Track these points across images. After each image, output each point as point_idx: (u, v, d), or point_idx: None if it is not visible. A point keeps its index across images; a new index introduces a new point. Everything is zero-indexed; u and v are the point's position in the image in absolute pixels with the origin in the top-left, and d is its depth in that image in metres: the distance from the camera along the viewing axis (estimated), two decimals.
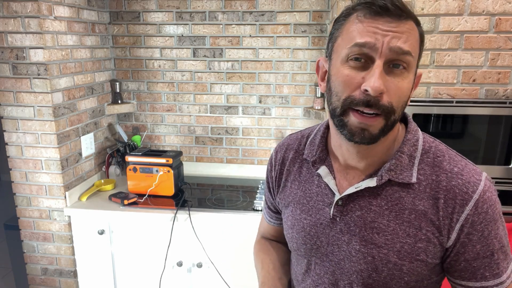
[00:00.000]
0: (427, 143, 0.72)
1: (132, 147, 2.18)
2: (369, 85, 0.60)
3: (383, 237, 0.70)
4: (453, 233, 0.67)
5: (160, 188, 1.96)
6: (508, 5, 1.53)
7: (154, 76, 2.28)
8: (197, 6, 2.14)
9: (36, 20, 1.67)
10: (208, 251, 1.80)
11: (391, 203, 0.70)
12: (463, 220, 0.66)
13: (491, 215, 0.66)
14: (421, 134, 0.74)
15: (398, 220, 0.69)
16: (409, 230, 0.68)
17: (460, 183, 0.67)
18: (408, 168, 0.70)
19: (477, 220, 0.66)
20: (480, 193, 0.66)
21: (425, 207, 0.68)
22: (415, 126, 0.74)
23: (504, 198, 1.63)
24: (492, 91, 1.61)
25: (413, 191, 0.69)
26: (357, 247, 0.71)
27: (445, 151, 0.72)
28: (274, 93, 2.20)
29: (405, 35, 0.61)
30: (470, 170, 0.68)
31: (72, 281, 1.98)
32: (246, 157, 2.32)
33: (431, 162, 0.70)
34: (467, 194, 0.66)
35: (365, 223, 0.71)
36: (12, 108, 1.79)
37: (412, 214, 0.68)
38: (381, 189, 0.71)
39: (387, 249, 0.69)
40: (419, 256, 0.68)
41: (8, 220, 2.16)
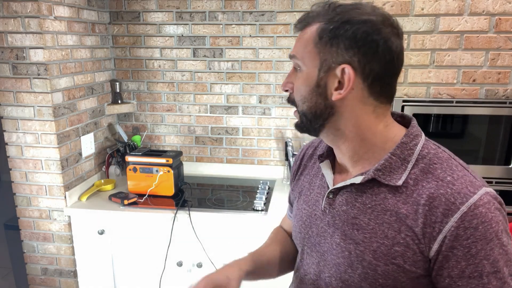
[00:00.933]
0: (426, 149, 0.70)
1: (132, 147, 2.18)
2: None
3: (362, 234, 0.70)
4: (435, 244, 0.64)
5: (160, 188, 1.96)
6: (508, 5, 1.53)
7: (154, 76, 2.28)
8: (197, 6, 2.14)
9: (36, 20, 1.67)
10: (208, 251, 1.80)
11: (375, 203, 0.70)
12: (446, 232, 0.63)
13: (483, 233, 0.61)
14: (424, 140, 0.72)
15: (378, 220, 0.69)
16: (388, 232, 0.68)
17: (449, 192, 0.64)
18: (398, 171, 0.69)
19: (463, 234, 0.62)
20: (470, 206, 0.62)
21: (407, 212, 0.66)
22: (416, 131, 0.73)
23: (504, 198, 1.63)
24: (492, 91, 1.61)
25: (400, 194, 0.68)
26: (338, 240, 0.74)
27: (445, 160, 0.69)
28: (274, 93, 2.20)
29: (297, 42, 0.73)
30: (465, 181, 0.65)
31: (72, 281, 1.98)
32: (246, 157, 2.32)
33: (424, 168, 0.68)
34: (453, 205, 0.63)
35: (348, 218, 0.73)
36: (12, 108, 1.79)
37: (393, 217, 0.68)
38: (368, 188, 0.72)
39: (364, 247, 0.70)
40: (395, 259, 0.67)
41: (8, 220, 2.16)
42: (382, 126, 0.72)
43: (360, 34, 0.66)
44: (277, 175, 2.28)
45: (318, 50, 0.69)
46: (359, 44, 0.66)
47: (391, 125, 0.74)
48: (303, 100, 0.73)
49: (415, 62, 1.62)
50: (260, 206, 1.85)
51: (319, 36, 0.69)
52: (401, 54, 0.69)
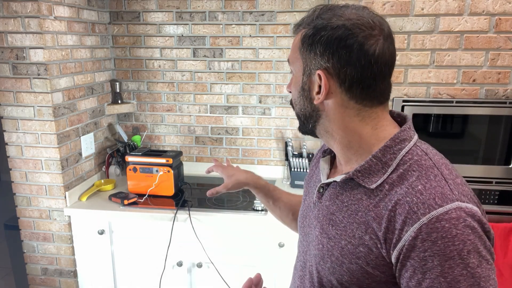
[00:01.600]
0: (410, 155, 0.68)
1: (132, 147, 2.18)
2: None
3: (335, 230, 0.73)
4: (395, 251, 0.63)
5: (160, 188, 1.96)
6: (508, 5, 1.53)
7: (154, 76, 2.28)
8: (197, 6, 2.14)
9: (36, 20, 1.67)
10: (208, 251, 1.80)
11: (351, 202, 0.72)
12: (405, 241, 0.61)
13: (441, 248, 0.58)
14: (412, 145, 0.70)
15: (350, 219, 0.71)
16: (356, 232, 0.69)
17: (414, 201, 0.62)
18: (377, 174, 0.69)
19: (421, 246, 0.59)
20: (431, 218, 0.59)
21: (375, 215, 0.66)
22: (405, 135, 0.70)
23: (504, 198, 1.63)
24: (492, 91, 1.61)
25: (374, 197, 0.68)
26: (317, 233, 0.78)
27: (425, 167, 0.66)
28: (274, 93, 2.20)
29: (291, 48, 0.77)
30: (435, 192, 0.62)
31: (72, 281, 1.98)
32: (246, 157, 2.32)
33: (402, 174, 0.67)
34: (415, 214, 0.61)
35: (328, 213, 0.76)
36: (12, 108, 1.79)
37: (363, 218, 0.68)
38: (349, 187, 0.74)
39: (334, 242, 0.73)
40: (359, 259, 0.68)
41: (8, 220, 2.16)
42: (369, 128, 0.72)
43: (333, 39, 0.67)
44: (277, 175, 2.28)
45: (301, 55, 0.73)
46: (333, 49, 0.67)
47: (383, 127, 0.72)
48: (295, 103, 0.78)
49: (415, 62, 1.63)
50: (260, 206, 1.85)
51: (301, 42, 0.72)
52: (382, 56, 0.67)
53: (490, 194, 1.62)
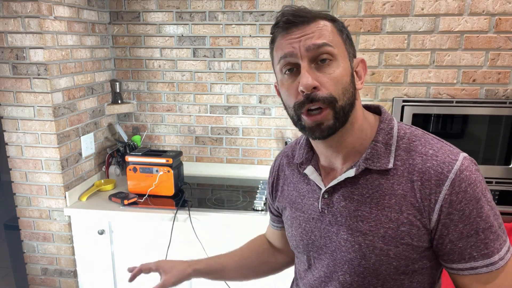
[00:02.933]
0: (402, 130, 0.75)
1: (132, 147, 2.18)
2: (301, 84, 0.68)
3: (367, 224, 0.72)
4: (434, 215, 0.67)
5: (160, 188, 1.96)
6: (508, 5, 1.53)
7: (154, 76, 2.28)
8: (197, 6, 2.14)
9: (36, 20, 1.67)
10: (208, 251, 1.80)
11: (372, 191, 0.72)
12: (441, 201, 0.66)
13: (471, 193, 0.66)
14: (396, 123, 0.76)
15: (379, 206, 0.71)
16: (391, 215, 0.70)
17: (435, 164, 0.68)
18: (385, 156, 0.72)
19: (456, 199, 0.66)
20: (456, 172, 0.66)
21: (404, 191, 0.69)
22: (388, 116, 0.77)
23: (504, 198, 1.63)
24: (492, 91, 1.61)
25: (392, 177, 0.71)
26: (345, 236, 0.74)
27: (420, 136, 0.73)
28: (274, 93, 2.20)
29: (317, 33, 0.69)
30: (445, 151, 0.69)
31: (72, 281, 1.98)
32: (246, 157, 2.32)
33: (406, 147, 0.72)
34: (442, 174, 0.67)
35: (349, 212, 0.74)
36: (12, 108, 1.79)
37: (392, 199, 0.70)
38: (361, 179, 0.74)
39: (372, 236, 0.71)
40: (403, 239, 0.69)
41: (8, 220, 2.16)
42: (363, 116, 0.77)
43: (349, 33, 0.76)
44: None
45: (344, 42, 0.73)
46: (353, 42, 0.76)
47: (366, 114, 0.78)
48: (344, 92, 0.70)
49: (415, 62, 1.63)
50: (260, 206, 1.85)
51: (340, 30, 0.73)
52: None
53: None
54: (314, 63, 0.69)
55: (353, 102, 0.72)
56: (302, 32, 0.69)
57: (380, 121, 0.76)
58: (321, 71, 0.69)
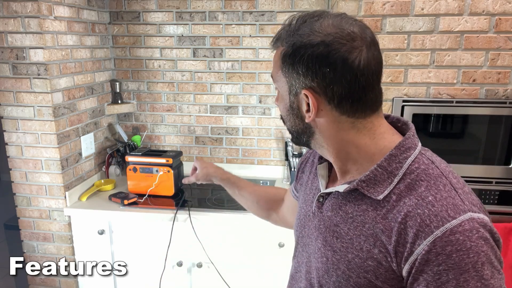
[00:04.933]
0: (417, 164, 0.65)
1: (132, 147, 2.18)
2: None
3: (340, 243, 0.70)
4: (406, 264, 0.61)
5: (160, 188, 1.96)
6: (508, 5, 1.53)
7: (154, 76, 2.28)
8: (197, 6, 2.14)
9: (36, 20, 1.67)
10: (208, 251, 1.80)
11: (356, 213, 0.68)
12: (417, 254, 0.59)
13: (456, 261, 0.56)
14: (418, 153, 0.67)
15: (357, 231, 0.67)
16: (363, 245, 0.66)
17: (426, 213, 0.59)
18: (383, 185, 0.65)
19: (435, 260, 0.57)
20: (445, 231, 0.57)
21: (384, 227, 0.63)
22: (410, 143, 0.67)
23: (504, 198, 1.63)
24: (492, 91, 1.61)
25: (381, 209, 0.65)
26: (319, 245, 0.74)
27: (433, 177, 0.63)
28: (274, 93, 2.20)
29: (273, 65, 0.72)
30: (447, 204, 0.60)
31: (72, 281, 1.98)
32: (246, 157, 2.32)
33: (410, 184, 0.64)
34: (428, 228, 0.58)
35: (331, 225, 0.72)
36: (12, 108, 1.79)
37: (370, 230, 0.65)
38: (353, 197, 0.70)
39: (340, 256, 0.69)
40: (367, 273, 0.65)
41: (8, 220, 2.16)
42: (367, 139, 0.69)
43: (315, 59, 0.63)
44: (277, 175, 2.28)
45: (284, 74, 0.69)
46: (316, 69, 0.64)
47: (381, 135, 0.69)
48: (285, 119, 0.76)
49: (415, 62, 1.63)
50: None
51: (282, 61, 0.68)
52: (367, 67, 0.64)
53: (490, 194, 1.62)
54: None
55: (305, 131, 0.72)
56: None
57: (395, 146, 0.67)
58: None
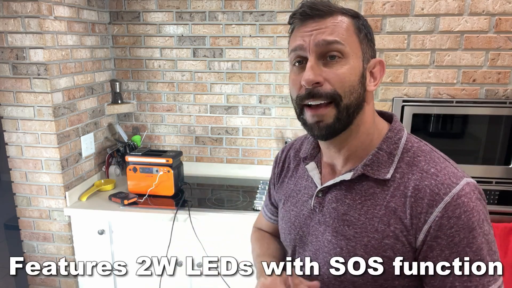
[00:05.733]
0: (410, 143, 0.73)
1: (132, 147, 2.18)
2: (303, 79, 0.68)
3: (353, 230, 0.71)
4: (421, 234, 0.65)
5: (160, 188, 1.96)
6: (508, 5, 1.53)
7: (154, 76, 2.28)
8: (197, 6, 2.14)
9: (36, 20, 1.67)
10: (208, 251, 1.80)
11: (364, 198, 0.71)
12: (431, 222, 0.64)
13: (465, 221, 0.63)
14: (406, 134, 0.75)
15: (368, 214, 0.70)
16: (378, 226, 0.69)
17: (433, 183, 0.66)
18: (386, 165, 0.71)
19: (447, 224, 0.63)
20: (453, 196, 0.64)
21: (396, 204, 0.68)
22: (399, 126, 0.76)
23: (504, 198, 1.63)
24: (492, 91, 1.61)
25: (388, 188, 0.70)
26: (329, 237, 0.74)
27: (427, 152, 0.71)
28: (274, 93, 2.20)
29: (330, 29, 0.68)
30: (447, 172, 0.67)
31: (72, 281, 1.98)
32: (246, 157, 2.32)
33: (409, 161, 0.70)
34: (437, 196, 0.64)
35: (338, 215, 0.74)
36: (12, 108, 1.79)
37: (382, 210, 0.69)
38: (357, 184, 0.73)
39: (355, 242, 0.71)
40: (385, 252, 0.68)
41: (8, 220, 2.16)
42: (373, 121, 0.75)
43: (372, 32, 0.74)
44: None
45: (359, 41, 0.70)
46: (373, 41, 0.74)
47: (377, 120, 0.76)
48: (351, 91, 0.69)
49: (415, 62, 1.63)
50: (260, 206, 1.85)
51: (358, 28, 0.70)
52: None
53: (490, 194, 1.62)
54: (322, 59, 0.68)
55: (361, 103, 0.71)
56: (315, 26, 0.69)
57: (389, 129, 0.75)
58: (328, 67, 0.68)
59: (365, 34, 0.71)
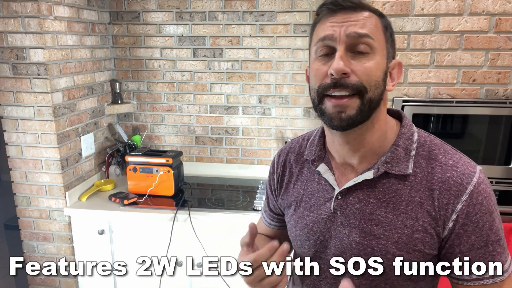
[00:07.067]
0: (422, 137, 0.75)
1: (132, 147, 2.18)
2: (332, 68, 0.67)
3: (381, 228, 0.72)
4: (449, 224, 0.68)
5: (160, 188, 1.96)
6: (508, 5, 1.53)
7: (154, 76, 2.28)
8: (197, 6, 2.14)
9: (36, 20, 1.67)
10: (208, 251, 1.80)
11: (389, 195, 0.72)
12: (458, 211, 0.68)
13: (486, 206, 0.68)
14: (416, 129, 0.77)
15: (395, 211, 0.71)
16: (406, 221, 0.70)
17: (455, 174, 0.69)
18: (404, 161, 0.72)
19: (472, 211, 0.67)
20: (474, 184, 0.68)
21: (421, 198, 0.70)
22: (409, 122, 0.77)
23: (504, 198, 1.63)
24: (492, 91, 1.61)
25: (410, 183, 0.71)
26: (357, 239, 0.74)
27: (440, 145, 0.74)
28: (274, 93, 2.20)
29: (361, 22, 0.68)
30: (464, 163, 0.71)
31: (72, 281, 1.98)
32: (246, 157, 2.32)
33: (426, 155, 0.72)
34: (461, 186, 0.68)
35: (364, 215, 0.73)
36: (12, 108, 1.79)
37: (409, 206, 0.71)
38: (378, 182, 0.73)
39: (386, 240, 0.71)
40: (416, 246, 0.70)
41: (8, 220, 2.16)
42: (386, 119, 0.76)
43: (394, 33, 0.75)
44: None
45: (385, 39, 0.71)
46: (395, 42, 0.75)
47: (387, 118, 0.77)
48: (376, 86, 0.69)
49: (415, 62, 1.62)
50: (260, 206, 1.85)
51: (385, 27, 0.72)
52: None
53: None
54: (350, 52, 0.68)
55: (380, 100, 0.71)
56: (346, 18, 0.68)
57: (401, 125, 0.76)
58: (356, 60, 0.68)
59: (390, 34, 0.73)
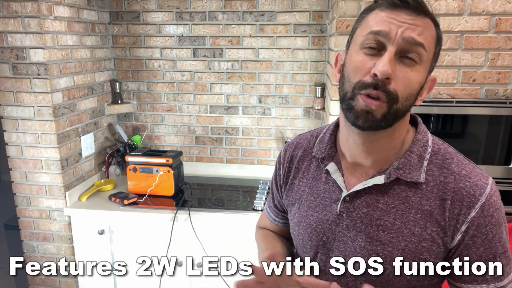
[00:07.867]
0: (437, 145, 0.74)
1: (132, 147, 2.18)
2: (377, 69, 0.63)
3: (389, 235, 0.70)
4: (458, 235, 0.68)
5: (160, 188, 1.96)
6: (508, 5, 1.52)
7: (154, 76, 2.28)
8: (197, 6, 2.14)
9: (36, 20, 1.67)
10: (208, 251, 1.80)
11: (398, 202, 0.71)
12: (469, 222, 0.67)
13: (496, 218, 0.67)
14: (431, 136, 0.75)
15: (404, 218, 0.70)
16: (414, 229, 0.69)
17: (468, 185, 0.68)
18: (417, 168, 0.71)
19: (483, 223, 0.67)
20: (486, 196, 0.67)
21: (431, 207, 0.69)
22: (424, 128, 0.76)
23: (504, 198, 1.63)
24: (492, 91, 1.61)
25: (421, 191, 0.70)
26: (363, 243, 0.72)
27: (453, 154, 0.73)
28: (274, 93, 2.20)
29: (420, 28, 0.64)
30: (477, 174, 0.70)
31: (72, 281, 1.98)
32: (246, 157, 2.32)
33: (439, 164, 0.71)
34: (474, 197, 0.67)
35: (371, 220, 0.72)
36: (12, 108, 1.79)
37: (418, 214, 0.69)
38: (388, 188, 0.72)
39: (392, 247, 0.70)
40: (422, 255, 0.69)
41: (8, 220, 2.16)
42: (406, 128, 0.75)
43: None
44: None
45: (434, 53, 0.68)
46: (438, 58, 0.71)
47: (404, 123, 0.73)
48: (407, 98, 0.66)
49: None
50: (260, 206, 1.85)
51: (438, 40, 0.68)
52: None
53: None
54: (399, 55, 0.64)
55: (407, 112, 0.69)
56: (408, 19, 0.64)
57: (416, 131, 0.75)
58: (401, 65, 0.64)
59: (439, 49, 0.69)
